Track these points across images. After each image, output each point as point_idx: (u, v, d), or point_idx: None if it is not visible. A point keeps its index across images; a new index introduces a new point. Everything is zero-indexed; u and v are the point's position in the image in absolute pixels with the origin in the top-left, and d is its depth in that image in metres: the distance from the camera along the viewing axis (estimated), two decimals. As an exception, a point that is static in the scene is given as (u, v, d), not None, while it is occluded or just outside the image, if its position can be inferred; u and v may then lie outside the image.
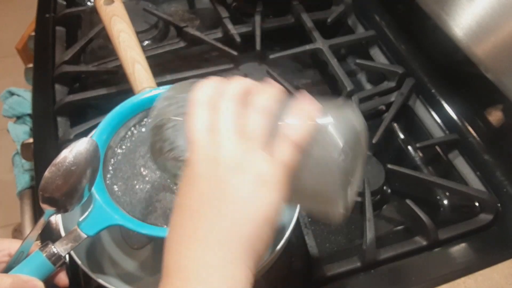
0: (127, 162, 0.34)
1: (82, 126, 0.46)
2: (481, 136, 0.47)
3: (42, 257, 0.28)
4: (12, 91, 0.60)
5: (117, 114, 0.34)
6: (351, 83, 0.50)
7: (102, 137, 0.33)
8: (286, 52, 0.54)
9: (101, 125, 0.33)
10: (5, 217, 1.03)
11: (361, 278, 0.38)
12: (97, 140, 0.32)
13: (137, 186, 0.33)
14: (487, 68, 0.46)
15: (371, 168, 0.46)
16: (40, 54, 0.54)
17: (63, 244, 0.29)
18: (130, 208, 0.32)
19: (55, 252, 0.28)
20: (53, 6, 0.61)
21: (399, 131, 0.53)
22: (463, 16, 0.48)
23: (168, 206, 0.32)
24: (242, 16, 0.64)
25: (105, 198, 0.30)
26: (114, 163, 0.34)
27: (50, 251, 0.28)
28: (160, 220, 0.31)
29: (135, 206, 0.32)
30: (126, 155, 0.34)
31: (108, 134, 0.33)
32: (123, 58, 0.39)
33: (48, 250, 0.28)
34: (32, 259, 0.28)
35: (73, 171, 0.27)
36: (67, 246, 0.29)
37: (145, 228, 0.30)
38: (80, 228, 0.29)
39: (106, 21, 0.42)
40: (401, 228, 0.45)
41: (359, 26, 0.61)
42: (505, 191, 0.43)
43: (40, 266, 0.28)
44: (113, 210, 0.30)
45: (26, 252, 0.28)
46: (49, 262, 0.28)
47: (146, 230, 0.30)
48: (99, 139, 0.33)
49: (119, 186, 0.33)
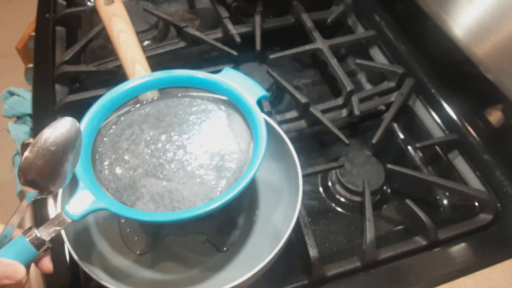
0: (112, 146, 0.34)
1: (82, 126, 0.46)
2: (481, 136, 0.47)
3: (25, 241, 0.27)
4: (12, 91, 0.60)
5: (108, 100, 0.34)
6: (351, 83, 0.50)
7: (93, 122, 0.33)
8: (286, 52, 0.54)
9: (92, 110, 0.33)
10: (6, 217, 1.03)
11: (361, 278, 0.38)
12: (87, 126, 0.32)
13: (121, 171, 0.32)
14: (487, 68, 0.46)
15: (371, 168, 0.46)
16: (40, 54, 0.55)
17: (47, 228, 0.28)
18: (118, 195, 0.31)
19: (39, 236, 0.27)
20: (53, 6, 0.61)
21: (399, 131, 0.53)
22: (463, 16, 0.48)
23: (153, 191, 0.32)
24: (242, 16, 0.64)
25: (91, 182, 0.30)
26: (102, 149, 0.34)
27: (33, 236, 0.27)
28: (149, 206, 0.31)
29: (122, 193, 0.32)
30: (112, 139, 0.34)
31: (99, 120, 0.33)
32: (123, 58, 0.39)
33: (31, 234, 0.27)
34: (14, 243, 0.27)
35: (53, 151, 0.27)
36: (51, 230, 0.28)
37: (130, 212, 0.29)
38: (65, 212, 0.28)
39: (106, 21, 0.42)
40: (401, 228, 0.45)
41: (359, 26, 0.61)
42: (505, 191, 0.43)
43: (23, 250, 0.27)
44: (99, 194, 0.29)
45: (9, 236, 0.28)
46: (32, 247, 0.27)
47: (131, 214, 0.29)
48: (90, 124, 0.32)
49: (106, 171, 0.33)
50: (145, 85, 0.35)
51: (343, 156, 0.47)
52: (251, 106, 0.34)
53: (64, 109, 0.48)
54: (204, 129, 0.35)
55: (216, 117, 0.36)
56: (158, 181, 0.32)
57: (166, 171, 0.33)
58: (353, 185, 0.45)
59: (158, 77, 0.36)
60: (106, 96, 0.34)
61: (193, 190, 0.32)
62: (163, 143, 0.34)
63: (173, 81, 0.36)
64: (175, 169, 0.33)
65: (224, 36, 0.57)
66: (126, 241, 0.38)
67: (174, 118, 0.35)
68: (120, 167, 0.33)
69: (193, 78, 0.36)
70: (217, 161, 0.33)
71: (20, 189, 0.57)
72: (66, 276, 0.36)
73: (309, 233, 0.38)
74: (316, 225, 0.44)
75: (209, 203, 0.30)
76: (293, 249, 0.40)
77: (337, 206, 0.46)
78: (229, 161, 0.33)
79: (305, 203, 0.46)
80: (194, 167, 0.33)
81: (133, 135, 0.34)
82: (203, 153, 0.34)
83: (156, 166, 0.33)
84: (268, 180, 0.42)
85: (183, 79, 0.36)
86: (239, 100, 0.35)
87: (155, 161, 0.33)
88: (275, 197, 0.41)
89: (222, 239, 0.39)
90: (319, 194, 0.47)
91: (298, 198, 0.34)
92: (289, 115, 0.50)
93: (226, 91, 0.36)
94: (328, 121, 0.48)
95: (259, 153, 0.32)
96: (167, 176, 0.32)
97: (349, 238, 0.43)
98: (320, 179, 0.48)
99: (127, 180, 0.32)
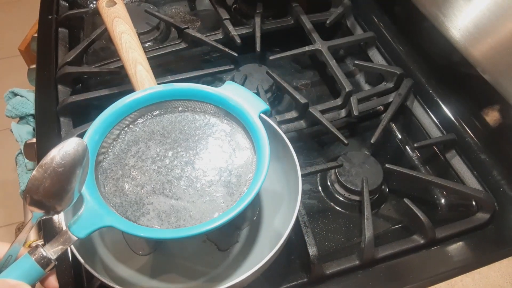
0: (118, 162, 0.34)
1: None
2: (478, 136, 0.47)
3: (31, 260, 0.27)
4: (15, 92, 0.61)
5: (110, 114, 0.34)
6: (350, 84, 0.51)
7: (95, 137, 0.32)
8: (286, 53, 0.54)
9: (93, 125, 0.33)
10: (9, 216, 1.03)
11: (359, 276, 0.38)
12: (89, 141, 0.32)
13: (127, 187, 0.32)
14: (484, 69, 0.46)
15: (370, 167, 0.47)
16: (43, 55, 0.55)
17: (53, 247, 0.27)
18: (122, 210, 0.31)
19: (45, 255, 0.27)
20: (55, 8, 0.62)
21: (397, 131, 0.54)
22: (460, 18, 0.48)
23: (161, 209, 0.31)
24: (242, 17, 0.64)
25: (96, 199, 0.29)
26: (106, 164, 0.33)
27: (39, 255, 0.27)
28: (154, 222, 0.31)
29: (126, 208, 0.31)
30: (118, 155, 0.34)
31: (101, 135, 0.33)
32: (125, 59, 0.40)
33: (37, 254, 0.27)
34: (20, 262, 0.27)
35: (61, 172, 0.26)
36: (57, 249, 0.27)
37: (137, 230, 0.29)
38: (71, 230, 0.28)
39: (108, 22, 0.42)
40: (399, 227, 0.45)
41: (357, 27, 0.62)
42: (502, 190, 0.44)
43: (29, 270, 0.26)
44: (105, 211, 0.29)
45: (15, 255, 0.28)
46: (38, 266, 0.27)
47: (139, 231, 0.29)
48: (92, 139, 0.32)
49: (110, 187, 0.32)
50: (147, 98, 0.35)
51: (342, 155, 0.48)
52: (253, 121, 0.34)
53: (67, 110, 0.49)
54: (210, 144, 0.35)
55: (220, 130, 0.36)
56: (166, 199, 0.32)
57: (175, 188, 0.32)
58: (351, 184, 0.45)
59: (160, 90, 0.36)
60: (108, 110, 0.34)
61: (201, 208, 0.32)
62: (170, 159, 0.34)
63: (175, 94, 0.36)
64: (184, 186, 0.33)
65: (225, 38, 0.58)
66: (129, 242, 0.38)
67: (180, 134, 0.36)
68: (126, 183, 0.32)
69: (195, 91, 0.36)
70: (226, 176, 0.33)
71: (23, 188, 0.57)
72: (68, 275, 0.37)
73: (308, 232, 0.38)
74: (316, 224, 0.45)
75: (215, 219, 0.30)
76: (292, 247, 0.40)
77: (336, 205, 0.46)
78: (236, 175, 0.33)
79: (305, 202, 0.46)
80: (203, 184, 0.33)
81: (139, 152, 0.34)
82: (211, 169, 0.34)
83: (164, 184, 0.33)
84: (268, 180, 0.43)
85: (185, 92, 0.36)
86: (242, 114, 0.35)
87: (163, 178, 0.33)
88: (275, 197, 0.41)
89: (223, 239, 0.39)
90: (318, 193, 0.47)
91: (298, 197, 0.34)
92: (289, 116, 0.50)
93: (228, 105, 0.36)
94: (327, 121, 0.49)
95: (262, 169, 0.32)
96: (176, 194, 0.32)
97: (348, 237, 0.44)
98: (319, 179, 0.49)
99: (134, 196, 0.32)
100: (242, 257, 0.38)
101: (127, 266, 0.37)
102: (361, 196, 0.44)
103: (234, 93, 0.36)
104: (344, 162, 0.47)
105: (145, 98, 0.35)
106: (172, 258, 0.39)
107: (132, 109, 0.35)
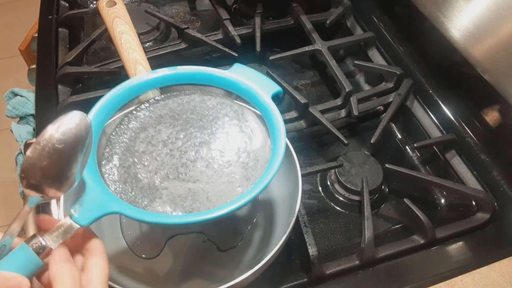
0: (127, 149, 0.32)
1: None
2: (478, 136, 0.47)
3: (28, 250, 0.23)
4: (15, 92, 0.61)
5: (116, 95, 0.32)
6: (350, 84, 0.51)
7: (100, 117, 0.30)
8: (286, 54, 0.55)
9: (99, 104, 0.30)
10: (9, 216, 1.03)
11: (359, 276, 0.38)
12: (94, 120, 0.29)
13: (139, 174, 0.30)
14: (484, 69, 0.46)
15: (370, 167, 0.47)
16: (43, 55, 0.55)
17: (53, 235, 0.24)
18: (131, 197, 0.29)
19: (44, 244, 0.24)
20: (55, 8, 0.62)
21: (397, 131, 0.54)
22: (460, 18, 0.48)
23: (176, 193, 0.29)
24: (242, 18, 0.64)
25: (99, 184, 0.27)
26: (109, 151, 0.31)
27: (37, 244, 0.24)
28: (166, 208, 0.29)
29: (136, 195, 0.29)
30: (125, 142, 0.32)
31: (106, 115, 0.31)
32: (125, 60, 0.40)
33: (35, 243, 0.24)
34: (16, 253, 0.23)
35: (60, 150, 0.23)
36: (58, 237, 0.25)
37: (145, 215, 0.27)
38: (72, 217, 0.25)
39: (108, 23, 0.42)
40: (399, 227, 0.45)
41: (357, 27, 0.62)
42: (502, 190, 0.44)
43: (26, 261, 0.23)
44: (109, 197, 0.27)
45: (9, 246, 0.24)
46: (37, 257, 0.24)
47: (147, 217, 0.27)
48: (96, 119, 0.30)
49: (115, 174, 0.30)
50: (152, 82, 0.34)
51: (342, 156, 0.48)
52: (267, 103, 0.32)
53: (67, 110, 0.49)
54: (226, 124, 0.33)
55: (234, 111, 0.34)
56: (183, 183, 0.30)
57: (191, 171, 0.30)
58: (351, 184, 0.45)
59: (165, 74, 0.34)
60: (114, 90, 0.32)
61: (219, 190, 0.30)
62: (183, 141, 0.32)
63: (181, 78, 0.34)
64: (201, 168, 0.31)
65: (225, 38, 0.58)
66: (130, 244, 0.38)
67: (192, 115, 0.33)
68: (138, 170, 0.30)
69: (203, 75, 0.34)
70: (244, 157, 0.31)
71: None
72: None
73: (308, 232, 0.38)
74: (316, 224, 0.45)
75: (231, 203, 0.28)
76: (292, 247, 0.40)
77: (336, 205, 0.46)
78: (253, 159, 0.31)
79: (305, 202, 0.46)
80: (221, 165, 0.31)
81: (149, 137, 0.32)
82: (229, 149, 0.31)
83: (178, 168, 0.31)
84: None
85: (192, 76, 0.34)
86: (253, 97, 0.33)
87: (177, 162, 0.31)
88: (275, 197, 0.41)
89: (223, 239, 0.39)
90: (318, 193, 0.47)
91: (298, 197, 0.34)
92: (289, 116, 0.50)
93: (239, 88, 0.34)
94: (327, 121, 0.49)
95: (279, 150, 0.30)
96: (193, 177, 0.30)
97: (348, 237, 0.44)
98: (319, 179, 0.49)
99: (147, 182, 0.30)
100: (242, 257, 0.38)
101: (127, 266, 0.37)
102: (361, 196, 0.44)
103: (243, 75, 0.34)
104: (344, 162, 0.47)
105: (150, 82, 0.34)
106: (172, 258, 0.39)
107: (137, 92, 0.33)
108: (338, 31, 0.64)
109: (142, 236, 0.39)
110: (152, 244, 0.39)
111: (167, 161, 0.31)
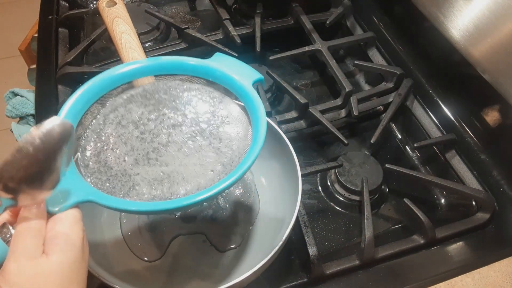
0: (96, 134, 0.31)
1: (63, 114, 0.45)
2: (478, 136, 0.47)
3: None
4: (16, 92, 0.61)
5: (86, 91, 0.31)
6: (350, 84, 0.51)
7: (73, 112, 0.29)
8: (286, 53, 0.55)
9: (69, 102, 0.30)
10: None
11: (359, 276, 0.38)
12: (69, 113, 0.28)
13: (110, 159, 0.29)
14: (484, 69, 0.46)
15: (370, 167, 0.47)
16: (43, 55, 0.55)
17: None
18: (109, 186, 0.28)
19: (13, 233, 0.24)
20: (55, 8, 0.62)
21: (397, 131, 0.54)
22: (460, 18, 0.48)
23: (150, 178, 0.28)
24: (242, 18, 0.64)
25: (73, 173, 0.27)
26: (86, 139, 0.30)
27: (8, 233, 0.23)
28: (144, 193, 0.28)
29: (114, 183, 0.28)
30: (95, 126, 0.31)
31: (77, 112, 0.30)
32: (125, 60, 0.40)
33: (5, 232, 0.23)
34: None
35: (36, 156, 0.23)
36: None
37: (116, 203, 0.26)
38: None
39: (108, 23, 0.42)
40: (399, 227, 0.45)
41: (357, 27, 0.62)
42: (502, 190, 0.44)
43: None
44: (82, 185, 0.26)
45: None
46: (7, 246, 0.23)
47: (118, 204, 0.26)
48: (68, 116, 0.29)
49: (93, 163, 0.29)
50: (131, 73, 0.33)
51: (342, 156, 0.48)
52: (248, 90, 0.32)
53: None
54: (200, 107, 0.32)
55: (212, 97, 0.33)
56: (154, 167, 0.29)
57: (163, 156, 0.30)
58: (351, 184, 0.45)
59: (145, 64, 0.33)
60: (89, 82, 0.31)
61: (194, 170, 0.29)
62: (155, 122, 0.31)
63: (162, 68, 0.34)
64: (173, 152, 0.30)
65: (225, 38, 0.58)
66: (130, 246, 0.38)
67: (164, 95, 0.32)
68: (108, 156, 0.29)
69: (183, 64, 0.33)
70: (217, 143, 0.30)
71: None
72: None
73: (308, 232, 0.39)
74: (316, 224, 0.45)
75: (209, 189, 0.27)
76: (292, 247, 0.40)
77: (336, 205, 0.46)
78: (227, 146, 0.31)
79: (305, 202, 0.46)
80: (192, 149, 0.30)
81: (118, 117, 0.31)
82: (201, 133, 0.31)
83: (149, 153, 0.30)
84: (268, 180, 0.43)
85: (173, 65, 0.33)
86: (235, 85, 0.32)
87: (148, 146, 0.30)
88: (274, 197, 0.41)
89: (223, 240, 0.39)
90: (318, 193, 0.47)
91: (298, 197, 0.35)
92: (289, 116, 0.50)
93: (218, 77, 0.33)
94: (327, 121, 0.49)
95: (259, 137, 0.29)
96: (165, 161, 0.29)
97: (348, 237, 0.44)
98: (319, 179, 0.49)
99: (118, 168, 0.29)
100: (242, 258, 0.38)
101: (127, 266, 0.37)
102: (361, 196, 0.44)
103: (224, 64, 0.33)
104: (344, 162, 0.47)
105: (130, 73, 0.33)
106: (172, 258, 0.39)
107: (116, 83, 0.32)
108: (338, 31, 0.64)
109: (143, 238, 0.39)
110: (153, 246, 0.39)
111: (137, 146, 0.30)
